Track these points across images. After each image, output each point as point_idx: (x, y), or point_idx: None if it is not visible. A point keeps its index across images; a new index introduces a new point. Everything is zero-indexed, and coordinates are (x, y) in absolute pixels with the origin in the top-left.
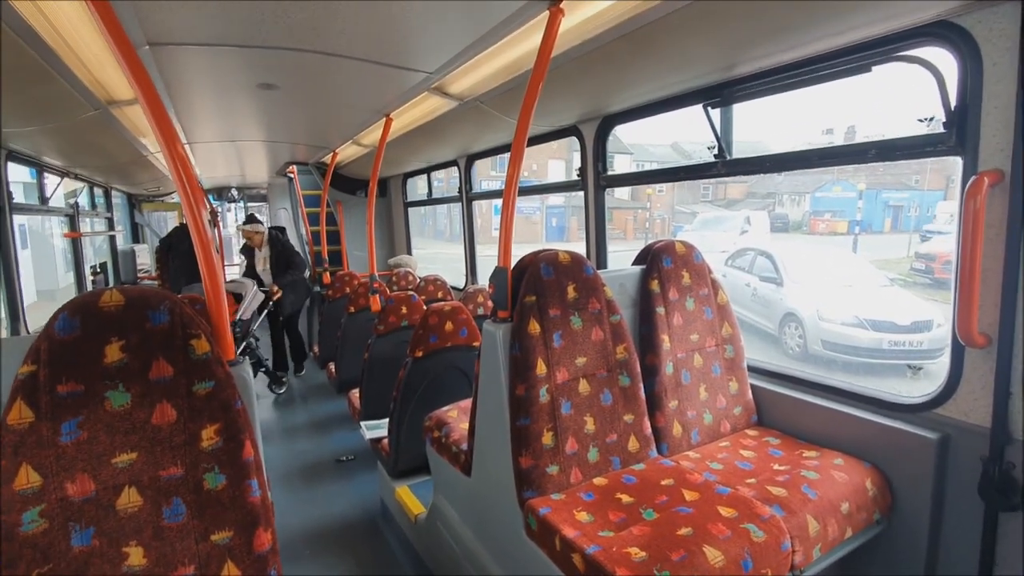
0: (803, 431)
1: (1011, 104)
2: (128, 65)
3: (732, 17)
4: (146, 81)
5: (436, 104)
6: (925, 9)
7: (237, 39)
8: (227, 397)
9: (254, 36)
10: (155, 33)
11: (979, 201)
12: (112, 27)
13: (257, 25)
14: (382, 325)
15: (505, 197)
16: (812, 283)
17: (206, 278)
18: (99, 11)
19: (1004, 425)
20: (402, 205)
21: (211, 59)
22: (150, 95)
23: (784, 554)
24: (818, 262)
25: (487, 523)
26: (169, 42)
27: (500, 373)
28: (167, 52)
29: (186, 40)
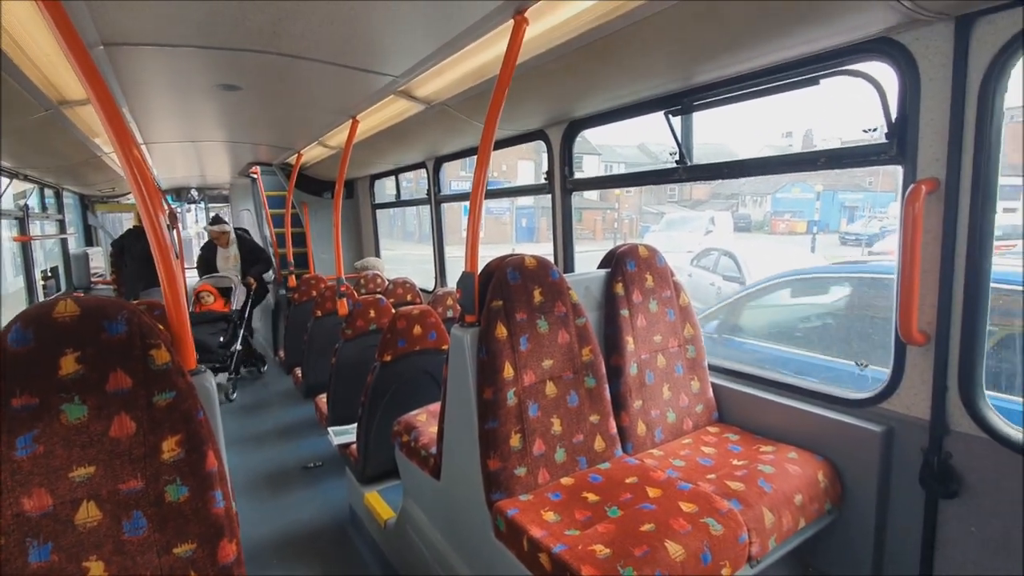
0: (761, 427)
1: (946, 117)
2: (80, 65)
3: (689, 31)
4: (99, 81)
5: (403, 107)
6: (868, 26)
7: (196, 40)
8: (189, 407)
9: (213, 37)
10: (110, 33)
11: (917, 208)
12: (63, 27)
13: (216, 27)
14: (350, 329)
15: (472, 201)
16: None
17: (165, 283)
18: (50, 11)
19: (942, 417)
20: (370, 207)
21: (169, 60)
22: (103, 95)
23: (741, 546)
24: (779, 261)
25: (456, 526)
26: (125, 42)
27: (468, 377)
28: (123, 52)
29: (142, 41)
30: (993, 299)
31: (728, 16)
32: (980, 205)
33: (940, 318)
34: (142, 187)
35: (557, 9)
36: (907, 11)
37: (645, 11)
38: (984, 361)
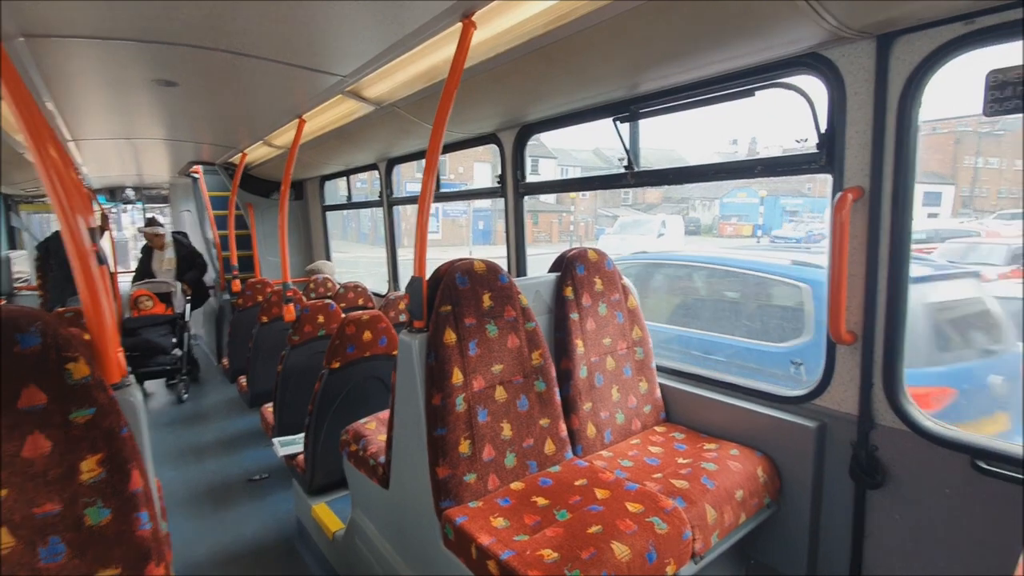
0: (706, 425)
1: (869, 129)
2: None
3: (632, 40)
4: (13, 75)
5: (352, 107)
6: (798, 42)
7: (126, 33)
8: (110, 424)
9: (146, 31)
10: (31, 25)
11: (844, 215)
12: None
13: (149, 20)
14: (297, 335)
15: (420, 204)
16: None
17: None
18: None
19: (869, 413)
20: (320, 208)
21: (98, 53)
22: (17, 89)
23: (685, 543)
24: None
25: (406, 536)
26: (48, 34)
27: (416, 383)
28: (46, 45)
29: (68, 32)
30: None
31: (671, 27)
32: (900, 212)
33: (866, 319)
34: (57, 186)
35: (505, 14)
36: (832, 28)
37: (591, 19)
38: (904, 359)
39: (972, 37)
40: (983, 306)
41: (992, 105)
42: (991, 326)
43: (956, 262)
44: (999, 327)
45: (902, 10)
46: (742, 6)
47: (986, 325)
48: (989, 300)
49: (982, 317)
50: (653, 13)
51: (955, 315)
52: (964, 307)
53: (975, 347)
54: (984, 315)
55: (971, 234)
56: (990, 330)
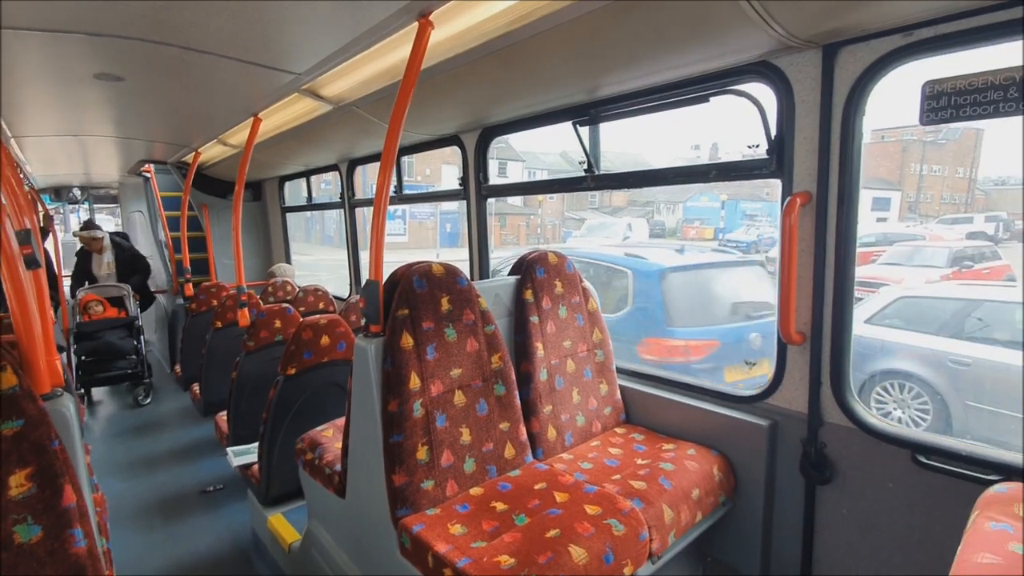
0: (664, 426)
1: (816, 135)
2: None
3: (591, 44)
4: None
5: (309, 106)
6: (749, 50)
7: (68, 25)
8: (40, 437)
9: (89, 23)
10: None
11: (793, 218)
12: None
13: (91, 11)
14: (252, 341)
15: (376, 206)
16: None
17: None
18: None
19: (817, 411)
20: (279, 210)
21: (39, 45)
22: None
23: (642, 544)
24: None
25: (362, 546)
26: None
27: (372, 389)
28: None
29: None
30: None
31: (627, 32)
32: (845, 216)
33: (814, 320)
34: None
35: (463, 14)
36: (781, 38)
37: (550, 22)
38: (851, 358)
39: (910, 49)
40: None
41: (928, 114)
42: (759, 303)
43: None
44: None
45: (845, 21)
46: (696, 14)
47: (755, 301)
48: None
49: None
50: (609, 17)
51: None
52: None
53: (741, 315)
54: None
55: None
56: (756, 305)
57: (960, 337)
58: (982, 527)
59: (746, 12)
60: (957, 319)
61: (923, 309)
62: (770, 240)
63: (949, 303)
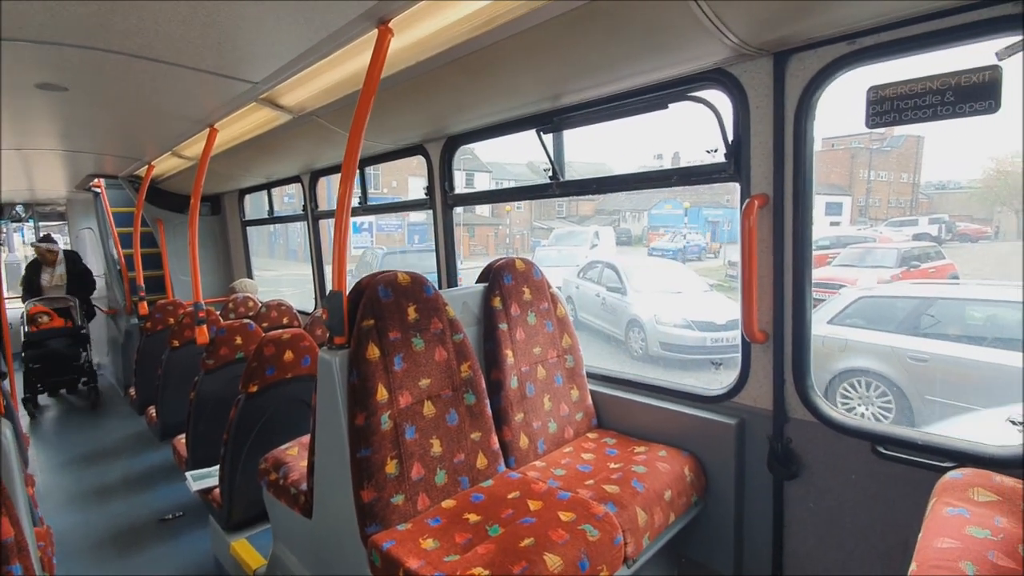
0: (635, 429)
1: (770, 140)
2: None
3: (552, 52)
4: None
5: (268, 116)
6: (704, 58)
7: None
8: None
9: (26, 29)
10: None
11: (752, 220)
12: None
13: (28, 15)
14: (211, 359)
15: (337, 217)
16: (650, 291)
17: None
18: None
19: (782, 407)
20: (239, 223)
21: None
22: None
23: (617, 548)
24: (654, 272)
25: (331, 567)
26: None
27: (338, 403)
28: None
29: None
30: None
31: (586, 40)
32: (801, 217)
33: (775, 318)
34: None
35: (423, 21)
36: (734, 46)
37: (511, 29)
38: (811, 355)
39: (855, 56)
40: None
41: (873, 118)
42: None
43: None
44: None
45: (793, 29)
46: (652, 23)
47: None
48: None
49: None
50: (569, 26)
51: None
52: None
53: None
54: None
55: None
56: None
57: (916, 334)
58: (940, 513)
59: (700, 21)
60: (912, 317)
61: (882, 308)
62: (696, 248)
63: (904, 302)
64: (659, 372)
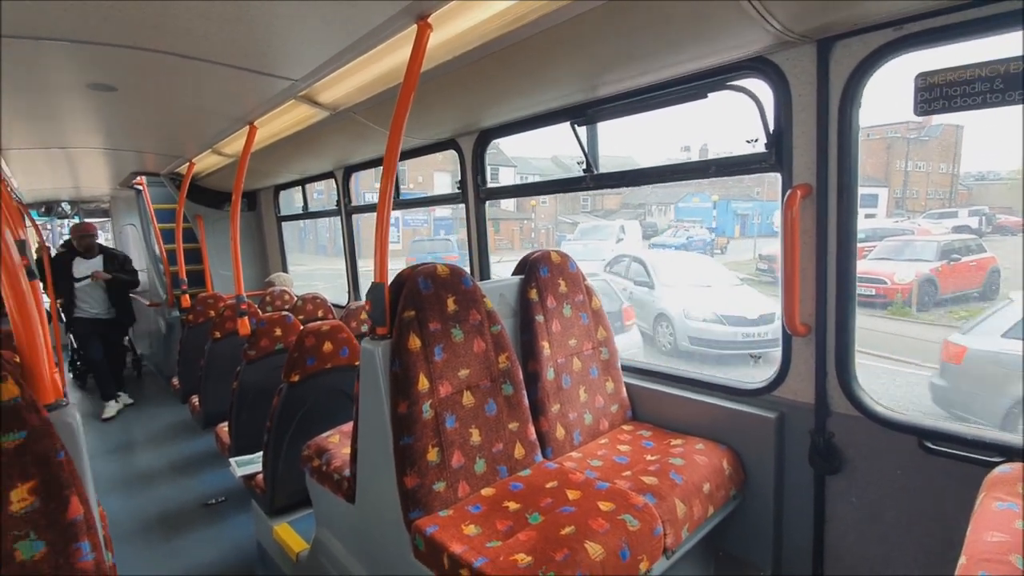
0: (671, 422)
1: (813, 129)
2: None
3: (588, 43)
4: None
5: (306, 113)
6: (746, 46)
7: (58, 33)
8: (44, 448)
9: (80, 31)
10: None
11: (794, 211)
12: None
13: (83, 19)
14: (253, 350)
15: (379, 211)
16: (678, 285)
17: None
18: None
19: (824, 401)
20: (275, 219)
21: (27, 54)
22: None
23: (657, 539)
24: (682, 266)
25: (374, 550)
26: None
27: (381, 392)
28: None
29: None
30: None
31: (625, 30)
32: (845, 208)
33: (818, 310)
34: None
35: (460, 16)
36: (776, 33)
37: (548, 21)
38: (855, 348)
39: (902, 42)
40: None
41: (921, 105)
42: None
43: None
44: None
45: (839, 16)
46: (693, 11)
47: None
48: None
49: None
50: (607, 17)
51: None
52: None
53: None
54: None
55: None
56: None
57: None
58: (989, 507)
59: (743, 8)
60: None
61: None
62: (701, 242)
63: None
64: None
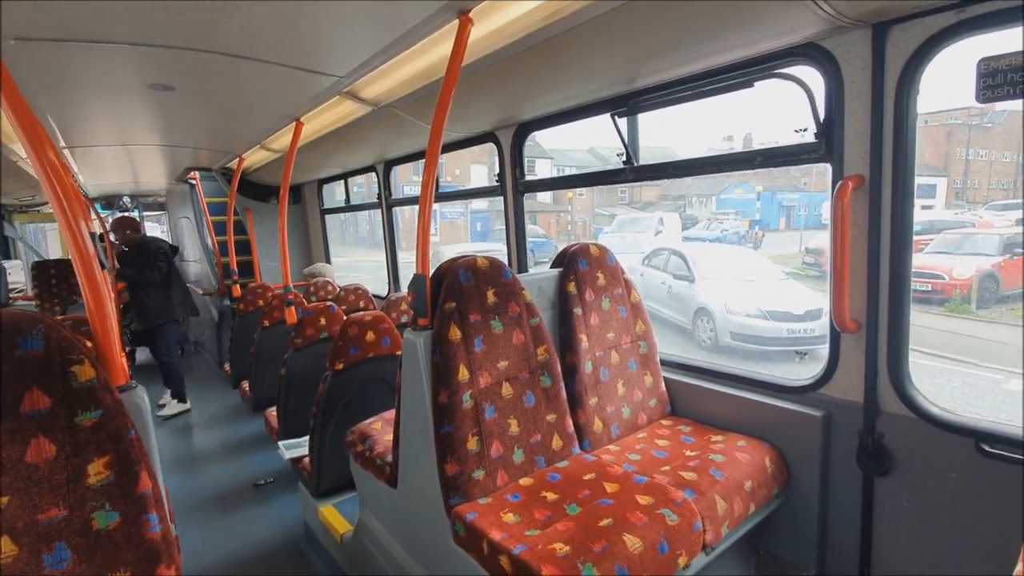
0: (712, 417)
1: (867, 117)
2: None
3: (630, 34)
4: (8, 80)
5: (349, 109)
6: (795, 32)
7: (123, 36)
8: (117, 426)
9: (144, 34)
10: (23, 28)
11: (845, 203)
12: None
13: (148, 23)
14: (299, 338)
15: (422, 203)
16: (720, 279)
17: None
18: None
19: (874, 400)
20: (318, 212)
21: (94, 57)
22: (13, 95)
23: (696, 534)
24: (724, 259)
25: (415, 534)
26: (41, 37)
27: (422, 381)
28: (39, 48)
29: (62, 36)
30: None
31: (668, 20)
32: (901, 199)
33: (870, 306)
34: (60, 194)
35: (502, 10)
36: (829, 18)
37: (588, 13)
38: (908, 345)
39: (963, 25)
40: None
41: (984, 92)
42: None
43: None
44: None
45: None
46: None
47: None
48: None
49: None
50: (650, 8)
51: None
52: None
53: None
54: None
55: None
56: None
57: None
58: None
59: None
60: None
61: None
62: (735, 235)
63: None
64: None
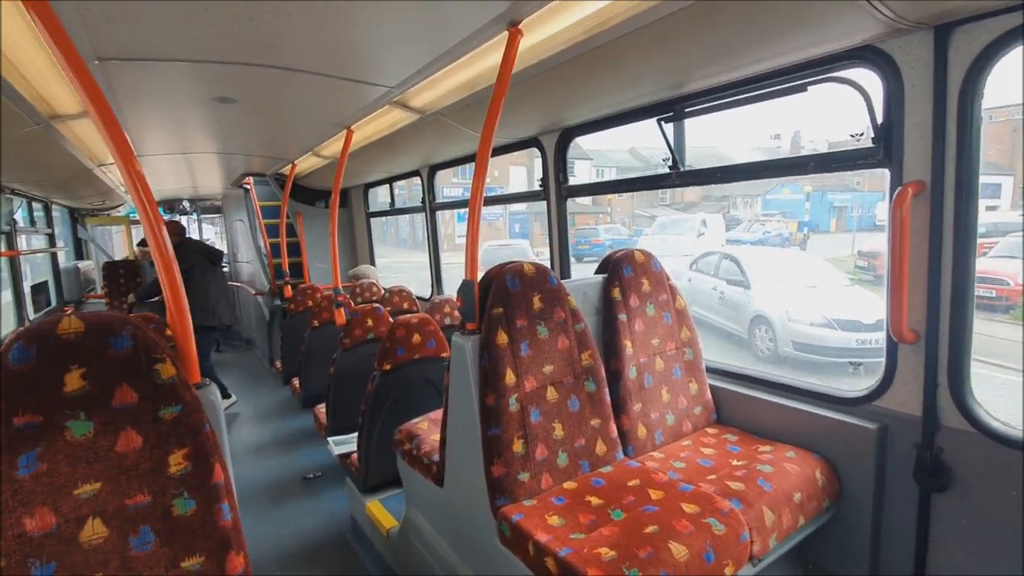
0: (758, 427)
1: (929, 121)
2: (79, 81)
3: (678, 40)
4: (99, 96)
5: (397, 117)
6: (853, 35)
7: (192, 55)
8: (195, 421)
9: (211, 52)
10: (105, 48)
11: (904, 210)
12: (61, 43)
13: (214, 42)
14: (348, 339)
15: (471, 209)
16: (778, 285)
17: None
18: (47, 28)
19: (934, 414)
20: (364, 215)
21: (164, 74)
22: (104, 111)
23: (743, 545)
24: (782, 264)
25: (461, 533)
26: (119, 57)
27: (470, 384)
28: (117, 67)
29: (138, 55)
30: None
31: (719, 25)
32: (964, 206)
33: (930, 316)
34: (145, 202)
35: (551, 21)
36: (889, 20)
37: (637, 22)
38: (971, 358)
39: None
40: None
41: None
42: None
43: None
44: None
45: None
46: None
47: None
48: None
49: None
50: (701, 13)
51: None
52: None
53: None
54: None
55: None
56: None
57: None
58: None
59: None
60: None
61: None
62: (779, 238)
63: None
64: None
